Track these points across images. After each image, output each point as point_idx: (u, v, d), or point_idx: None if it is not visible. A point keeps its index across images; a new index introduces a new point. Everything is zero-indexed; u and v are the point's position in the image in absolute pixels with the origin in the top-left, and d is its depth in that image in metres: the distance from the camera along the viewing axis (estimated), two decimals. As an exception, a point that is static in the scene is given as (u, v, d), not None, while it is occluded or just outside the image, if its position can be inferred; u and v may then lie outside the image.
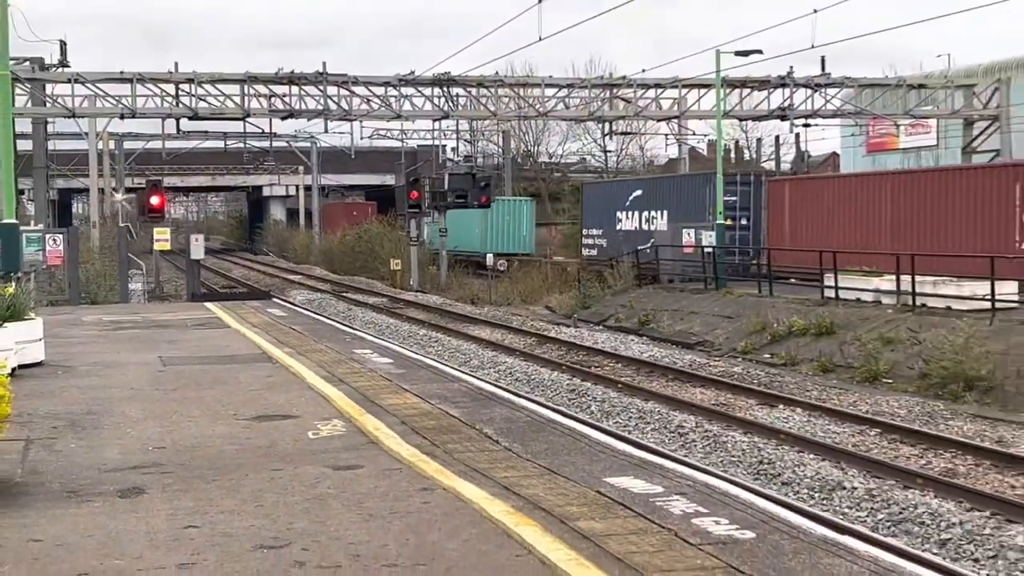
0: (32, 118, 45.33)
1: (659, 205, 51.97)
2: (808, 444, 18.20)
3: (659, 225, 51.27)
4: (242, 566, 7.54)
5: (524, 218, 64.24)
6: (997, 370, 22.94)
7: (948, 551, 12.57)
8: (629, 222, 54.67)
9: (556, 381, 25.82)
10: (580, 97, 50.52)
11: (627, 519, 8.68)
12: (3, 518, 8.85)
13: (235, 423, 13.13)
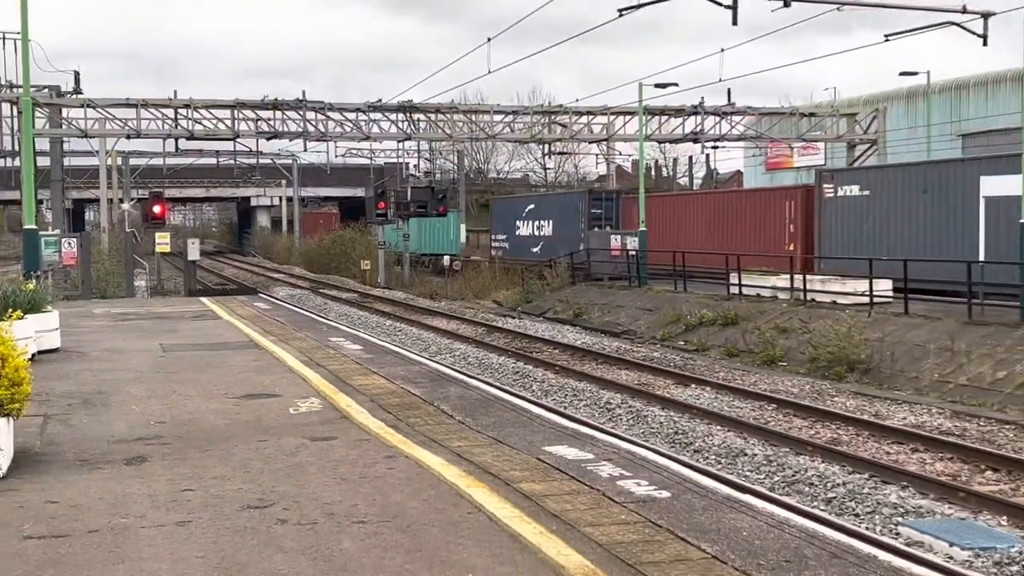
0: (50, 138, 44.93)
1: (546, 216, 56.68)
2: (716, 417, 18.31)
3: (546, 231, 56.26)
4: (232, 523, 7.53)
5: (452, 226, 65.98)
6: (874, 354, 23.20)
7: (833, 507, 12.69)
8: (525, 229, 59.19)
9: (503, 364, 25.84)
10: (523, 122, 50.83)
11: (563, 482, 8.73)
12: (24, 483, 8.81)
13: (226, 401, 13.10)
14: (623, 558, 6.66)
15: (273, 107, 45.66)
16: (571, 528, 7.32)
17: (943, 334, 22.81)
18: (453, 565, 6.55)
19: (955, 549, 10.91)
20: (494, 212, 65.94)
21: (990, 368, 20.58)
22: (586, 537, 7.11)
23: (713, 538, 7.14)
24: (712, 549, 6.89)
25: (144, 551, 6.93)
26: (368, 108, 47.02)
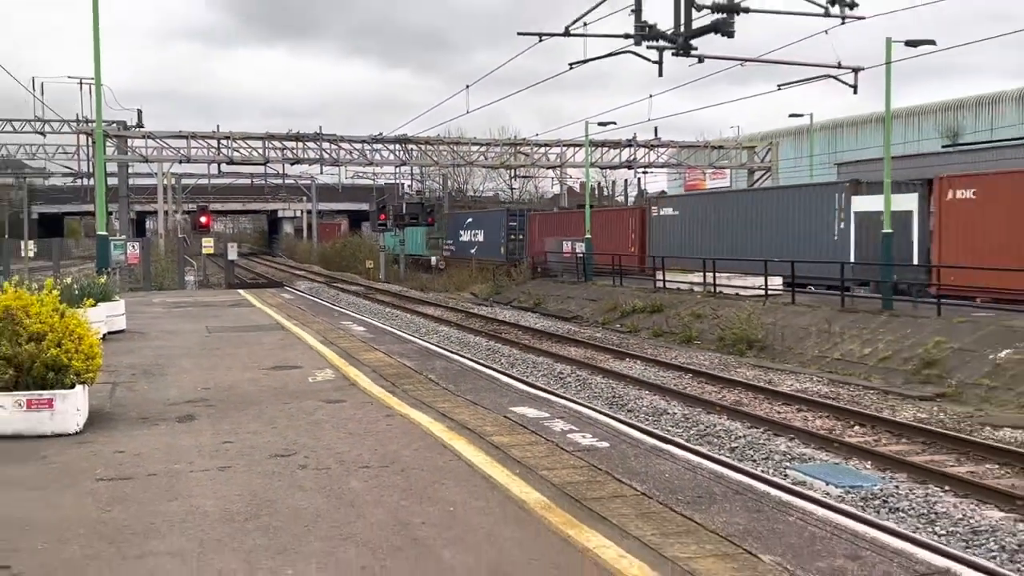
0: (118, 163, 44.71)
1: (479, 227, 59.79)
2: (645, 384, 18.43)
3: (479, 238, 59.42)
4: (262, 468, 7.50)
5: (419, 235, 66.26)
6: (768, 335, 23.38)
7: (736, 455, 12.81)
8: (465, 236, 61.82)
9: (478, 343, 25.89)
10: (495, 152, 51.08)
11: (525, 435, 8.74)
12: (97, 437, 8.75)
13: (258, 371, 13.02)
14: (572, 495, 6.68)
15: (296, 139, 45.74)
16: (531, 471, 7.33)
17: (822, 319, 23.01)
18: (438, 501, 6.55)
19: (831, 487, 11.04)
20: (446, 223, 67.70)
21: (858, 346, 20.78)
22: (543, 479, 7.13)
23: (642, 479, 7.17)
24: (642, 487, 6.92)
25: (193, 490, 6.89)
26: (371, 140, 47.16)
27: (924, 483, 11.31)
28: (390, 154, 48.60)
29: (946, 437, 13.30)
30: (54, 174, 75.93)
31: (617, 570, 5.18)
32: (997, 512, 10.14)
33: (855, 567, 5.27)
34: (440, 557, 5.42)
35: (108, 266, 24.14)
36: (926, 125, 51.47)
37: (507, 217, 55.34)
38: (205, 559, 5.42)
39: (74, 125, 50.73)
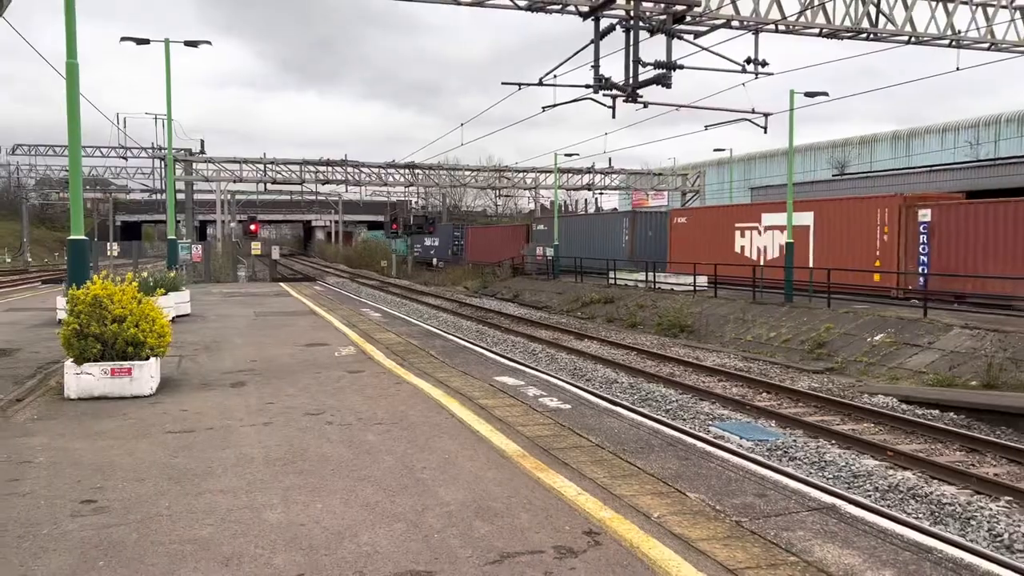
0: (185, 181, 44.27)
1: (436, 237, 62.38)
2: (600, 360, 18.42)
3: (436, 244, 62.59)
4: (297, 424, 7.46)
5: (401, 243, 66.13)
6: (696, 322, 23.42)
7: (670, 415, 12.80)
8: (428, 243, 63.52)
9: (469, 326, 25.81)
10: (483, 176, 50.80)
11: (505, 399, 8.73)
12: (167, 398, 8.68)
13: (295, 347, 12.96)
14: (541, 446, 6.68)
15: (326, 164, 45.49)
16: (510, 427, 7.33)
17: (738, 309, 23.09)
18: (436, 450, 6.53)
19: (743, 440, 11.07)
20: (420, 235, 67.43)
21: (766, 330, 20.86)
22: (519, 433, 7.12)
23: (597, 433, 7.17)
24: (596, 440, 6.93)
25: (242, 440, 6.84)
26: (385, 166, 46.91)
27: (816, 438, 11.37)
28: (401, 177, 48.38)
29: (833, 402, 13.36)
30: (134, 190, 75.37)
31: (577, 504, 5.18)
32: (872, 460, 10.21)
33: (761, 503, 5.30)
34: (437, 494, 5.41)
35: (176, 263, 23.94)
36: (820, 158, 51.73)
37: (453, 229, 61.94)
38: (251, 495, 5.38)
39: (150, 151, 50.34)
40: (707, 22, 17.76)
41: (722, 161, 57.72)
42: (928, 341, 16.62)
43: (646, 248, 35.36)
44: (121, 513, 5.04)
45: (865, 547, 4.54)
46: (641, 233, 36.42)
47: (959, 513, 8.21)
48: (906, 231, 22.42)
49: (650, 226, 36.52)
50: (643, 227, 36.82)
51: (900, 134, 48.42)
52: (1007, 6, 20.41)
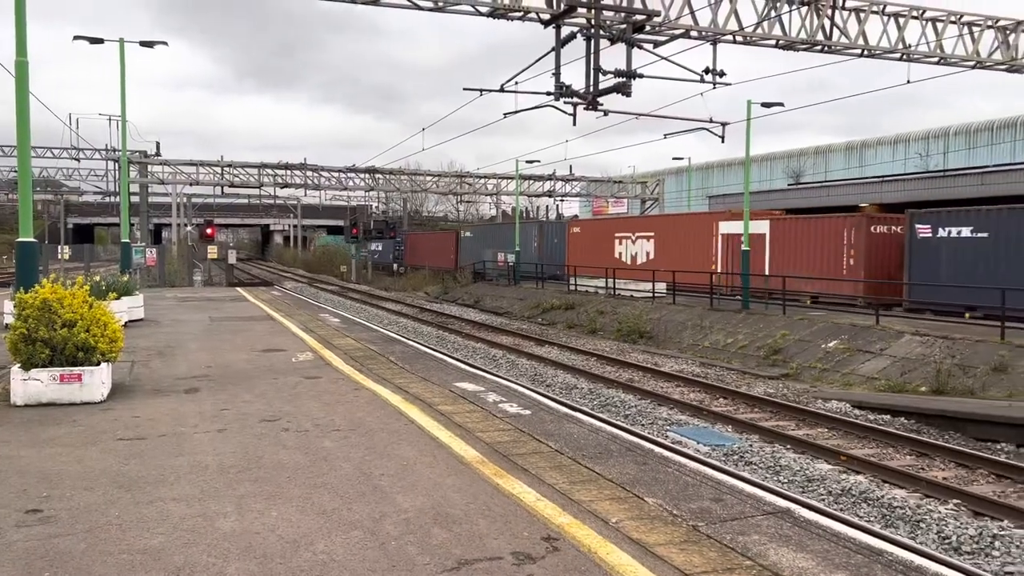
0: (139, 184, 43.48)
1: (380, 243, 64.34)
2: (560, 365, 18.46)
3: (379, 249, 64.41)
4: (253, 431, 7.34)
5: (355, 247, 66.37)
6: (655, 328, 23.62)
7: (629, 420, 12.87)
8: (375, 246, 64.53)
9: (430, 332, 25.69)
10: (445, 181, 50.74)
11: (465, 404, 8.69)
12: (117, 404, 8.48)
13: (251, 353, 12.76)
14: (501, 452, 6.66)
15: (285, 167, 45.08)
16: (469, 433, 7.29)
17: (696, 316, 23.33)
18: (394, 456, 6.48)
19: (701, 445, 11.17)
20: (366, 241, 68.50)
21: (723, 337, 21.11)
22: (478, 439, 7.09)
23: (556, 439, 7.18)
24: (555, 445, 6.93)
25: (196, 447, 6.71)
26: (346, 170, 46.62)
27: (771, 443, 11.52)
28: (361, 181, 48.05)
29: (788, 407, 13.55)
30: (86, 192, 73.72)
31: (536, 510, 5.17)
32: (826, 465, 10.38)
33: (718, 507, 5.34)
34: (395, 501, 5.36)
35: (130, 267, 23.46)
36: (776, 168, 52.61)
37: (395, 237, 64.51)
38: (205, 503, 5.28)
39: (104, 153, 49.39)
40: (666, 32, 17.96)
41: (681, 170, 58.39)
42: (880, 348, 16.96)
43: (552, 253, 39.76)
44: (68, 523, 4.90)
45: (819, 550, 4.60)
46: (548, 240, 40.63)
47: (909, 516, 8.37)
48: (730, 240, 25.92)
49: (555, 234, 40.58)
50: (550, 235, 40.99)
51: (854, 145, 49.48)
52: (955, 22, 20.99)
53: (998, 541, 7.62)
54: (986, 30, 21.20)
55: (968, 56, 21.11)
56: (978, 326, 17.77)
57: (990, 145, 40.67)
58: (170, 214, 57.49)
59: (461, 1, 16.76)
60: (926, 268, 21.25)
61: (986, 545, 7.56)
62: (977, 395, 13.84)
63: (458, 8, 16.97)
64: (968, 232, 20.38)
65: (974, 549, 7.51)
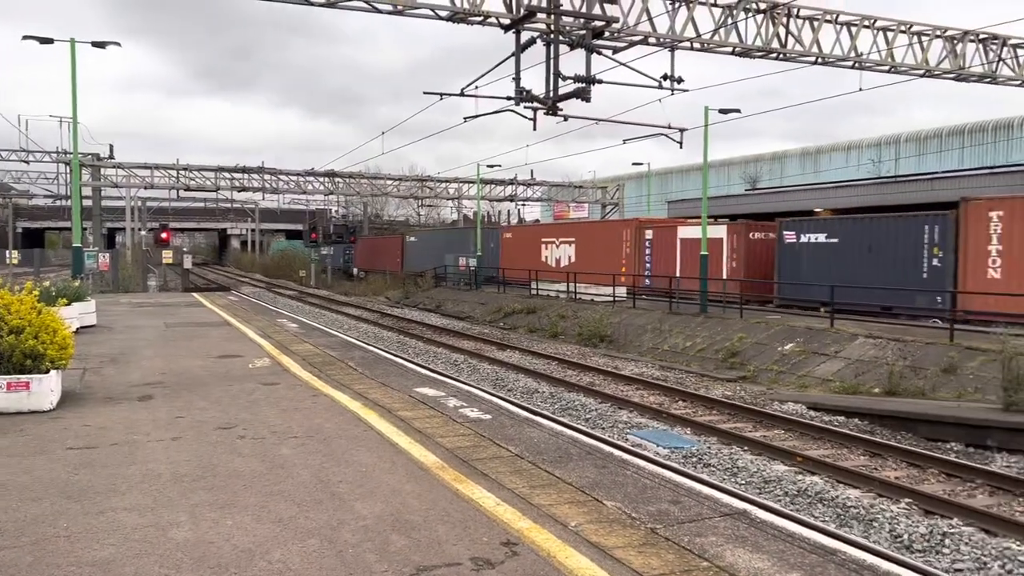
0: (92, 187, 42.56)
1: (332, 247, 63.72)
2: (521, 370, 18.45)
3: (331, 253, 63.63)
4: (208, 438, 7.21)
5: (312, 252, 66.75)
6: (615, 331, 23.75)
7: (589, 424, 12.92)
8: (326, 251, 63.27)
9: (390, 337, 25.54)
10: (406, 185, 50.48)
11: (425, 410, 8.65)
12: (68, 413, 8.28)
13: (207, 359, 12.55)
14: (461, 457, 6.64)
15: (242, 171, 44.50)
16: (429, 439, 7.26)
17: (655, 320, 23.51)
18: (353, 463, 6.42)
19: (660, 448, 11.26)
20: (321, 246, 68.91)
21: (682, 340, 21.31)
22: (438, 444, 7.06)
23: (516, 443, 7.17)
24: (516, 450, 6.93)
25: (149, 456, 6.58)
26: (304, 173, 46.11)
27: (729, 444, 11.65)
28: (320, 185, 47.56)
29: (746, 409, 13.71)
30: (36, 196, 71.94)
31: (495, 515, 5.16)
32: (782, 466, 10.52)
33: (676, 509, 5.38)
34: (353, 508, 5.31)
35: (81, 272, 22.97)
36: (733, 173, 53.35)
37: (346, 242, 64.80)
38: (157, 513, 5.17)
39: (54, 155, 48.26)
40: (625, 38, 18.11)
41: (641, 175, 58.90)
42: (835, 350, 17.26)
43: (490, 257, 42.07)
44: (14, 535, 4.76)
45: (774, 551, 4.66)
46: (486, 245, 42.78)
47: (863, 515, 8.53)
48: (638, 246, 30.60)
49: (492, 239, 43.11)
50: (487, 240, 43.26)
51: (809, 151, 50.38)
52: (905, 31, 21.50)
53: (948, 539, 7.80)
54: (934, 39, 21.75)
55: (918, 64, 21.63)
56: (927, 328, 18.18)
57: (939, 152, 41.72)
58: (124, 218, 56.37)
59: (420, 5, 16.72)
60: (792, 269, 23.89)
61: (936, 543, 7.73)
62: (928, 396, 14.16)
63: (417, 12, 16.92)
64: (823, 238, 23.06)
65: (925, 547, 7.68)
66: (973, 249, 19.19)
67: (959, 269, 19.47)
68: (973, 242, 19.18)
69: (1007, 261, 18.60)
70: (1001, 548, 7.53)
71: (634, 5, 18.13)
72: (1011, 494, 9.36)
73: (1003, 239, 18.70)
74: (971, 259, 19.21)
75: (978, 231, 19.13)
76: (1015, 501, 9.15)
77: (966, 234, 19.30)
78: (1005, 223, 18.71)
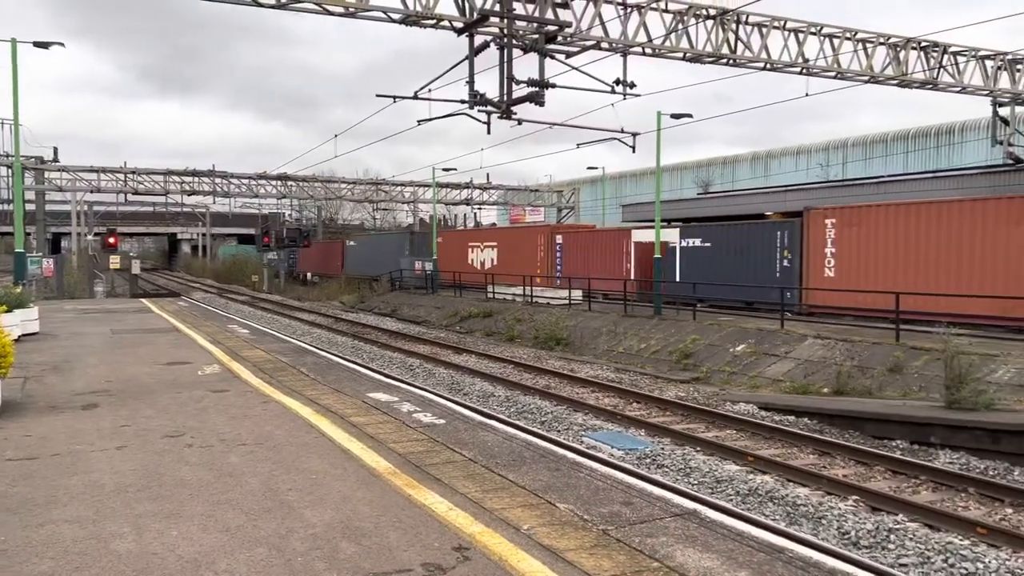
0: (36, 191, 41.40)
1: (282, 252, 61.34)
2: (477, 374, 18.42)
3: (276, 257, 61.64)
4: (155, 447, 7.06)
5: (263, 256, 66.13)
6: (571, 334, 23.83)
7: (545, 427, 12.93)
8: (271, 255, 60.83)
9: (344, 342, 25.28)
10: (360, 188, 50.18)
11: (378, 416, 8.58)
12: (7, 423, 8.03)
13: (155, 366, 12.28)
14: (414, 462, 6.59)
15: (192, 174, 43.79)
16: (382, 445, 7.20)
17: (610, 322, 23.67)
18: (303, 470, 6.33)
19: (614, 450, 11.32)
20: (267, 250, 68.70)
21: (636, 342, 21.48)
22: (391, 450, 7.01)
23: (470, 447, 7.15)
24: (469, 454, 6.90)
25: (92, 467, 6.41)
26: (256, 176, 45.60)
27: (682, 445, 11.76)
28: (273, 188, 47.03)
29: (699, 410, 13.86)
30: (-24, 200, 69.83)
31: (448, 520, 5.13)
32: (734, 466, 10.66)
33: (628, 511, 5.41)
34: (303, 516, 5.23)
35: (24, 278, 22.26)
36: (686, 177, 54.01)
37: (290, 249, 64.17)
38: (100, 525, 5.04)
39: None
40: (578, 43, 18.22)
41: (595, 179, 59.32)
42: (785, 351, 17.56)
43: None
44: (-53, 551, 4.60)
45: (723, 550, 4.71)
46: (419, 249, 44.59)
47: (812, 513, 8.68)
48: (549, 249, 33.75)
49: (425, 244, 44.19)
50: (419, 244, 45.03)
51: (759, 155, 51.24)
52: (851, 38, 22.00)
53: (893, 535, 7.98)
54: (879, 46, 22.30)
55: (863, 71, 22.14)
56: (874, 329, 18.61)
57: (885, 156, 42.77)
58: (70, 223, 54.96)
59: (372, 7, 16.62)
60: (675, 270, 26.52)
61: (882, 539, 7.90)
62: (875, 395, 14.48)
63: (369, 14, 16.81)
64: (699, 242, 25.92)
65: (872, 543, 7.84)
66: (813, 252, 21.96)
67: (803, 269, 22.28)
68: (813, 246, 21.96)
69: (839, 262, 21.27)
70: (944, 542, 7.73)
71: (587, 10, 18.25)
72: (953, 489, 9.61)
73: (836, 243, 21.38)
74: (812, 260, 22.00)
75: (817, 236, 21.84)
76: (957, 496, 9.41)
77: (807, 239, 22.12)
78: (837, 229, 21.34)
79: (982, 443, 11.19)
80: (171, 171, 43.34)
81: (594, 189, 60.20)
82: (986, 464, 10.77)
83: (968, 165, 33.45)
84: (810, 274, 22.00)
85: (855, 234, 20.83)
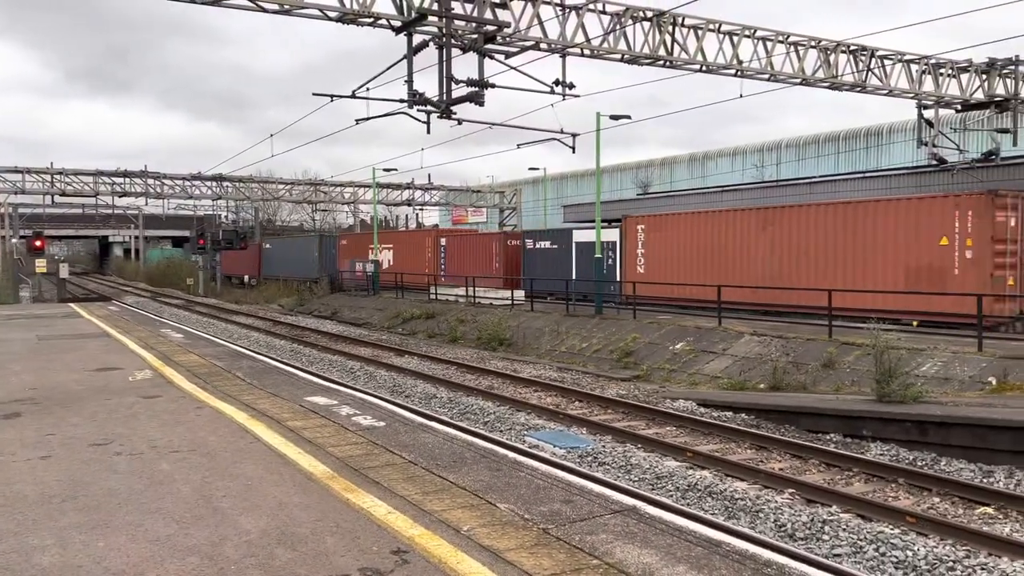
0: (-46, 192, 39.83)
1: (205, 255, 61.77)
2: (419, 375, 18.29)
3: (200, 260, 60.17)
4: (81, 456, 6.82)
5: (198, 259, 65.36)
6: (514, 334, 23.87)
7: (488, 427, 12.90)
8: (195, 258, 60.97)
9: (283, 346, 24.84)
10: (299, 189, 49.46)
11: (316, 419, 8.44)
12: (-79, 435, 7.65)
13: (83, 373, 11.87)
14: (352, 466, 6.50)
15: (124, 175, 42.61)
16: (319, 449, 7.08)
17: (553, 322, 23.78)
18: (238, 476, 6.18)
19: (557, 448, 11.35)
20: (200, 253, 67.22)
21: (578, 341, 21.62)
22: (329, 454, 6.89)
23: (411, 449, 7.08)
24: (410, 456, 6.83)
25: (14, 477, 6.15)
26: (190, 177, 44.57)
27: (624, 443, 11.87)
28: (208, 189, 46.04)
29: (639, 408, 14.01)
30: None
31: (387, 524, 5.07)
32: (674, 462, 10.80)
33: (568, 509, 5.42)
34: (237, 523, 5.10)
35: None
36: (626, 178, 54.60)
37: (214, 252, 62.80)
38: (21, 537, 4.83)
39: (-89, 158, 44.91)
40: (517, 43, 18.24)
41: (537, 180, 59.54)
42: (723, 348, 17.88)
43: (329, 263, 46.25)
44: None
45: (662, 545, 4.75)
46: (326, 251, 47.21)
47: (750, 507, 8.84)
48: (435, 250, 37.79)
49: (332, 246, 47.19)
50: (327, 247, 47.68)
51: (696, 156, 52.09)
52: (783, 41, 22.51)
53: (827, 526, 8.17)
54: (810, 49, 22.87)
55: (795, 73, 22.68)
56: (808, 325, 19.08)
57: (816, 157, 43.92)
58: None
59: (308, 4, 16.36)
60: (531, 268, 31.06)
61: (817, 530, 8.09)
62: (809, 389, 14.84)
63: (305, 12, 16.55)
64: (548, 244, 30.75)
65: (807, 535, 8.02)
66: (630, 251, 26.52)
67: (623, 266, 26.79)
68: (629, 246, 26.54)
69: (647, 261, 25.89)
70: (875, 532, 7.95)
71: (525, 10, 18.29)
72: (884, 480, 9.90)
73: (645, 245, 25.98)
74: (628, 259, 26.57)
75: (632, 238, 26.45)
76: (888, 487, 9.69)
77: (625, 241, 26.70)
78: (646, 233, 25.92)
79: (911, 435, 11.55)
80: (101, 172, 42.08)
81: (536, 190, 60.43)
82: (915, 455, 11.12)
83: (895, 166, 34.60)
84: (627, 270, 26.43)
85: (658, 238, 25.46)
